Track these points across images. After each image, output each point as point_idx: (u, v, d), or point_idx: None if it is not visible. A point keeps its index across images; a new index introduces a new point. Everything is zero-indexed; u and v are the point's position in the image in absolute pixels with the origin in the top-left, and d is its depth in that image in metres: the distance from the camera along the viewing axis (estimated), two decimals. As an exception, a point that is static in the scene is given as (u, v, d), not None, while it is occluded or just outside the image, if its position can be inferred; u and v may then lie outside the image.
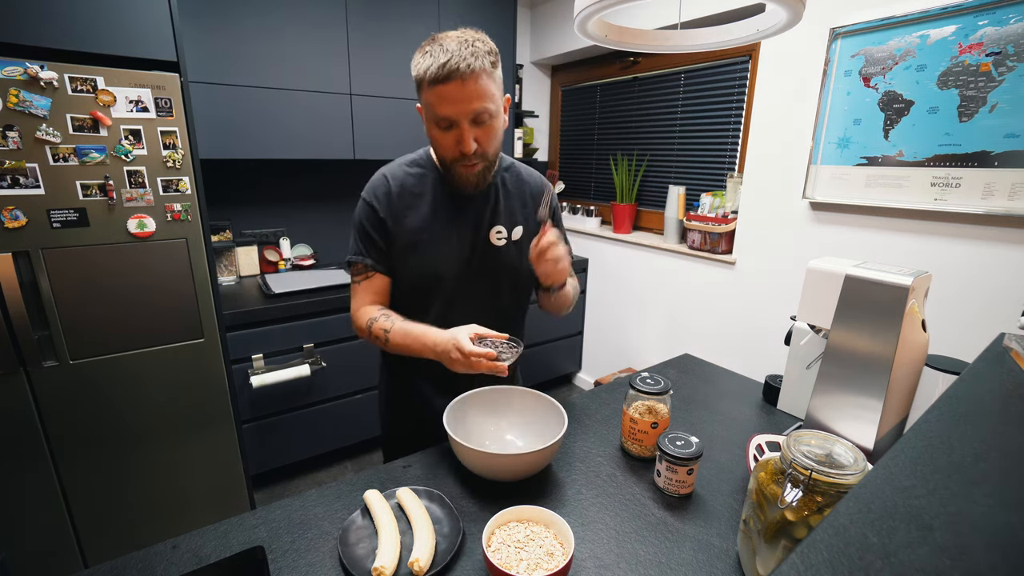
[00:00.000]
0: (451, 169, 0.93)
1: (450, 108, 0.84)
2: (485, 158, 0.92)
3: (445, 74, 0.81)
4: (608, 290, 2.82)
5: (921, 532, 0.33)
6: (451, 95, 0.83)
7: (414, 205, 0.98)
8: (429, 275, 0.99)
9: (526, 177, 1.09)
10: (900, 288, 0.83)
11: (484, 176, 0.95)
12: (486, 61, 0.84)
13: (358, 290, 1.02)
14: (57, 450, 1.46)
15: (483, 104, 0.86)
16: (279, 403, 2.05)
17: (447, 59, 0.81)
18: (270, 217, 2.43)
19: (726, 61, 2.18)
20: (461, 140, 0.87)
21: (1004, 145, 1.34)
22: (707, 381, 1.31)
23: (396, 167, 1.02)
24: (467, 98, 0.84)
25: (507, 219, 1.03)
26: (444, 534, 0.75)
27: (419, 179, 1.00)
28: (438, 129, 0.89)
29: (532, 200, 1.07)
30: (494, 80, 0.87)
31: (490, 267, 1.02)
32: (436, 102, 0.85)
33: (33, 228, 1.33)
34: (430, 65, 0.82)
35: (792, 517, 0.59)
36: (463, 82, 0.82)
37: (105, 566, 0.70)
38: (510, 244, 1.03)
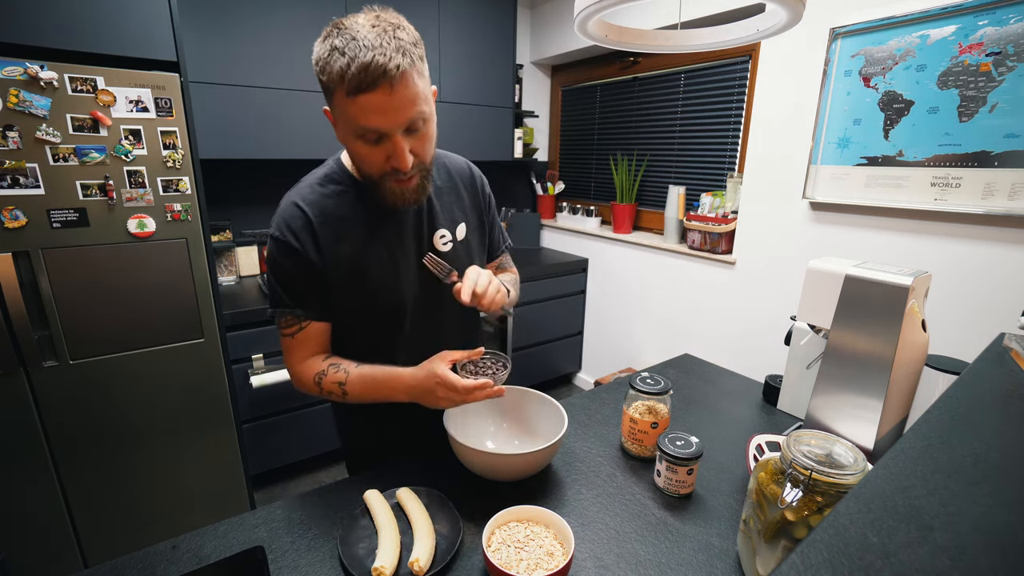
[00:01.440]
0: (380, 185, 0.78)
1: (379, 120, 0.69)
2: (423, 168, 0.79)
3: (370, 80, 0.65)
4: (608, 290, 2.82)
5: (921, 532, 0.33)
6: (380, 105, 0.67)
7: (342, 232, 0.83)
8: (384, 303, 0.88)
9: (452, 167, 0.97)
10: (900, 288, 0.83)
11: (423, 189, 0.81)
12: (414, 55, 0.69)
13: (292, 345, 0.86)
14: (57, 450, 1.46)
15: (417, 109, 0.71)
16: (279, 403, 2.05)
17: (370, 60, 0.64)
18: (270, 217, 2.42)
19: (726, 61, 2.18)
20: (394, 155, 0.73)
21: (1004, 145, 1.34)
22: (707, 381, 1.31)
23: (308, 190, 0.85)
24: (399, 106, 0.69)
25: (447, 220, 0.93)
26: (444, 534, 0.75)
27: (339, 199, 0.84)
28: (363, 143, 0.73)
29: (465, 190, 0.97)
30: (423, 76, 0.72)
31: None
32: (359, 113, 0.68)
33: (33, 228, 1.33)
34: (346, 67, 0.65)
35: (792, 517, 0.59)
36: (392, 88, 0.66)
37: (105, 566, 0.70)
38: (457, 245, 0.94)
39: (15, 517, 1.44)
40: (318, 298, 0.85)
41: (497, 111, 2.68)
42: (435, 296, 0.92)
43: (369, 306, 0.88)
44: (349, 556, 0.70)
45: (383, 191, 0.79)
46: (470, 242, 0.97)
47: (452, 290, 0.82)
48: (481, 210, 1.00)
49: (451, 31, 2.40)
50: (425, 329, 0.94)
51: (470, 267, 0.84)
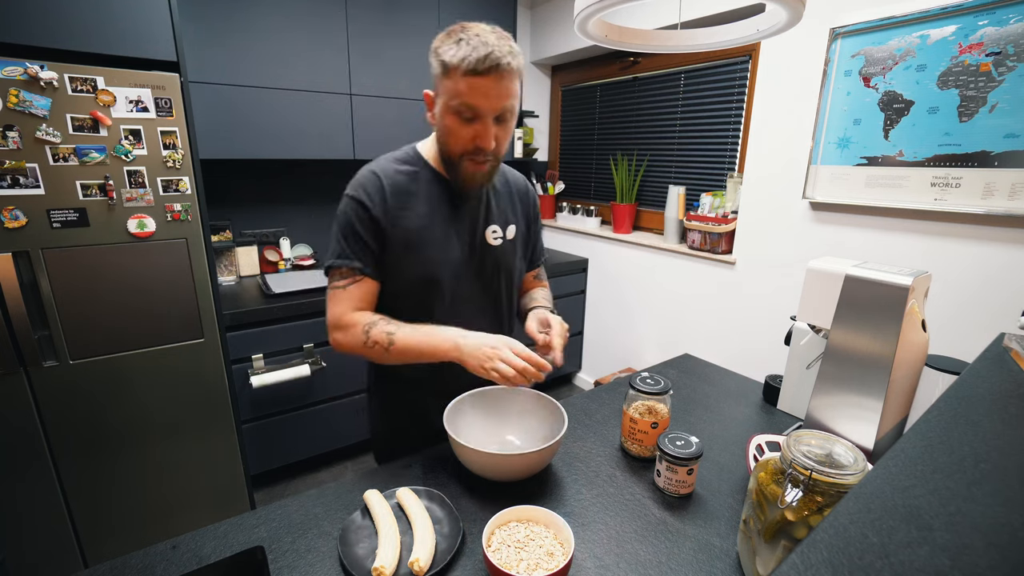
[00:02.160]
0: (457, 164, 0.90)
1: (482, 101, 0.82)
2: (496, 158, 0.90)
3: (486, 67, 0.79)
4: (608, 290, 2.82)
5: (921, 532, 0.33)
6: (486, 88, 0.81)
7: (409, 204, 0.93)
8: (429, 278, 0.94)
9: (510, 176, 1.09)
10: (900, 288, 0.83)
11: (490, 176, 0.92)
12: (520, 62, 0.84)
13: (340, 296, 0.92)
14: (57, 450, 1.46)
15: (511, 102, 0.85)
16: (279, 403, 2.05)
17: (488, 52, 0.79)
18: (270, 217, 2.43)
19: (726, 61, 2.18)
20: (481, 135, 0.85)
21: (1004, 145, 1.34)
22: (707, 381, 1.31)
23: (385, 164, 0.95)
24: (499, 94, 0.82)
25: (500, 219, 1.02)
26: (444, 534, 0.75)
27: (411, 178, 0.95)
28: (458, 119, 0.84)
29: (519, 198, 1.08)
30: (520, 81, 0.87)
31: (488, 267, 1.01)
32: (467, 92, 0.81)
33: (33, 228, 1.33)
34: (468, 55, 0.79)
35: (792, 517, 0.59)
36: (499, 77, 0.81)
37: (105, 566, 0.70)
38: (506, 243, 1.02)
39: (15, 517, 1.44)
40: (375, 257, 0.93)
41: (497, 111, 2.68)
42: (473, 288, 1.01)
43: (416, 281, 0.95)
44: (349, 556, 0.70)
45: (458, 169, 0.90)
46: (516, 244, 1.05)
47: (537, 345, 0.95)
48: (529, 220, 1.11)
49: (451, 31, 2.40)
50: (459, 315, 0.98)
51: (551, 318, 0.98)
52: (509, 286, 1.07)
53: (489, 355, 0.82)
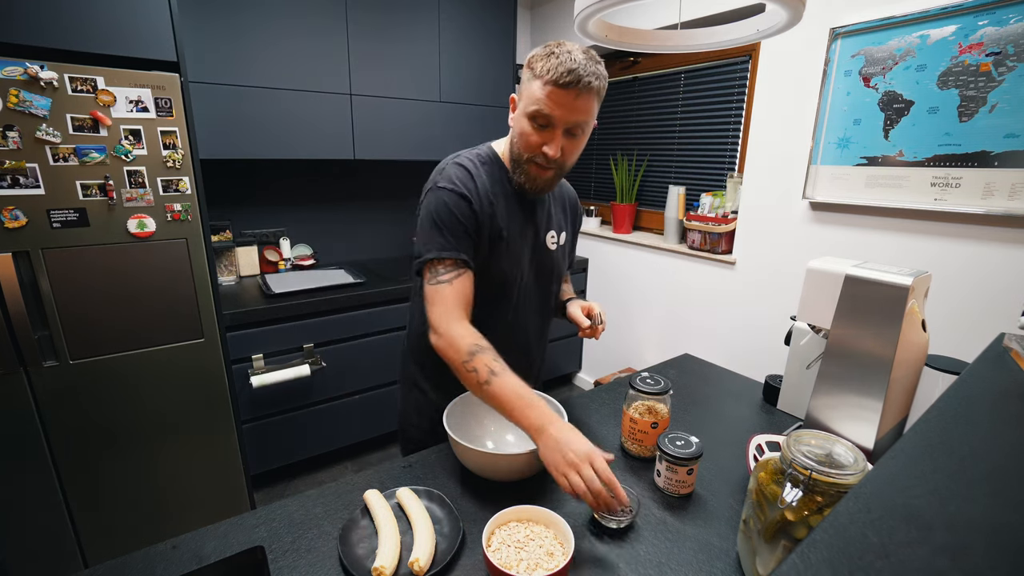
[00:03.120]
0: (521, 165, 0.93)
1: (557, 111, 0.85)
2: (562, 168, 0.93)
3: (568, 80, 0.82)
4: (608, 290, 2.82)
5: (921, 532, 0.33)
6: (563, 100, 0.84)
7: (495, 201, 0.95)
8: (507, 275, 0.98)
9: (565, 187, 1.15)
10: (900, 288, 0.83)
11: (551, 183, 0.96)
12: (602, 84, 0.87)
13: (446, 293, 0.87)
14: (57, 450, 1.46)
15: (584, 120, 0.88)
16: (279, 403, 2.05)
17: (575, 67, 0.82)
18: (270, 217, 2.43)
19: (726, 61, 2.17)
20: (550, 143, 0.88)
21: (1004, 145, 1.34)
22: (707, 381, 1.31)
23: (470, 160, 0.96)
24: (575, 109, 0.85)
25: (557, 225, 1.08)
26: (444, 534, 0.75)
27: (493, 177, 0.97)
28: (532, 124, 0.88)
29: (570, 210, 1.14)
30: (598, 104, 0.90)
31: (546, 269, 1.07)
32: (546, 100, 0.84)
33: (33, 228, 1.33)
34: (556, 66, 0.83)
35: (792, 517, 0.59)
36: (579, 93, 0.84)
37: (105, 566, 0.70)
38: (559, 248, 1.08)
39: (15, 517, 1.44)
40: (473, 252, 0.93)
41: (497, 111, 2.68)
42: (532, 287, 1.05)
43: (495, 277, 0.97)
44: (349, 556, 0.70)
45: (523, 170, 0.93)
46: (564, 249, 1.12)
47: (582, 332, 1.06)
48: (574, 230, 1.16)
49: (451, 31, 2.40)
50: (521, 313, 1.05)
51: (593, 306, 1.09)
52: (558, 289, 1.15)
53: (571, 462, 0.71)
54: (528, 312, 1.07)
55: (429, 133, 2.44)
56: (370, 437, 2.36)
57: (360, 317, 2.15)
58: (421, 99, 2.38)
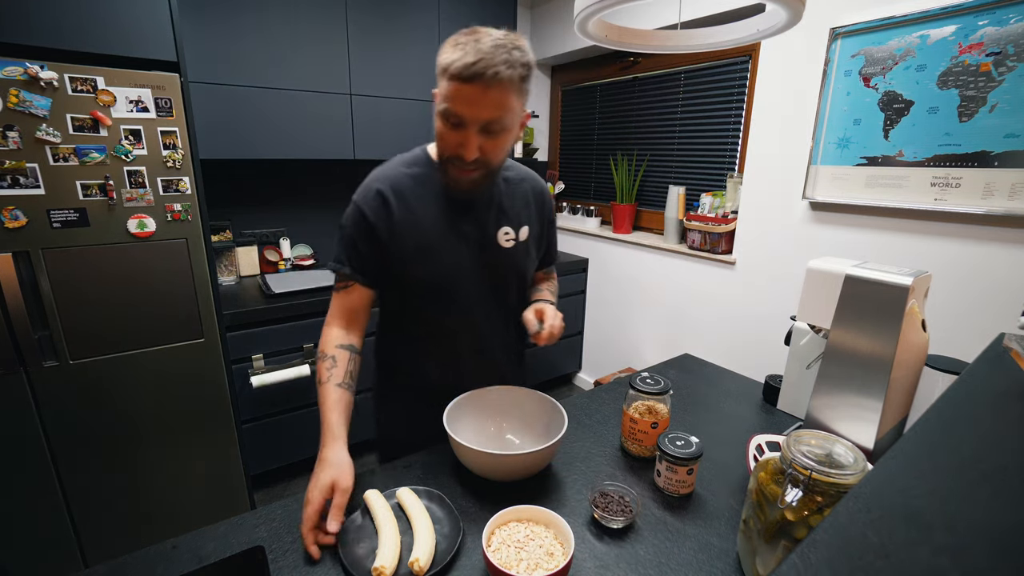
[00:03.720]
0: (445, 166, 0.89)
1: (464, 109, 0.79)
2: (486, 167, 0.87)
3: (469, 74, 0.76)
4: (608, 290, 2.82)
5: (921, 532, 0.33)
6: (469, 96, 0.78)
7: (417, 208, 0.92)
8: (441, 281, 0.95)
9: (526, 175, 1.08)
10: (900, 288, 0.83)
11: (479, 184, 0.90)
12: (516, 73, 0.79)
13: (334, 300, 0.97)
14: (57, 450, 1.46)
15: (498, 115, 0.80)
16: (279, 403, 2.05)
17: (476, 60, 0.75)
18: (270, 217, 2.43)
19: (726, 61, 2.18)
20: (464, 144, 0.82)
21: (1004, 145, 1.34)
22: (707, 381, 1.31)
23: (393, 168, 0.96)
24: (484, 105, 0.79)
25: (514, 220, 1.01)
26: (444, 534, 0.75)
27: (420, 181, 0.94)
28: (445, 123, 0.83)
29: (534, 200, 1.05)
30: (519, 93, 0.82)
31: (500, 269, 1.00)
32: (451, 97, 0.79)
33: (33, 228, 1.33)
34: (457, 59, 0.77)
35: (792, 517, 0.59)
36: (485, 88, 0.77)
37: (105, 566, 0.70)
38: (519, 245, 1.01)
39: (15, 517, 1.44)
40: (371, 265, 0.94)
41: (497, 111, 2.68)
42: (485, 289, 1.00)
43: (427, 281, 0.95)
44: (349, 556, 0.70)
45: (446, 173, 0.90)
46: (529, 245, 1.04)
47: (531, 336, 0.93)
48: (543, 221, 1.08)
49: (451, 31, 2.38)
50: (472, 316, 1.00)
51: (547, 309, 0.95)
52: (521, 288, 1.06)
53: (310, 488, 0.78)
54: (479, 313, 1.00)
55: (429, 133, 2.43)
56: (370, 437, 2.36)
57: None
58: (421, 99, 2.38)
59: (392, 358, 1.07)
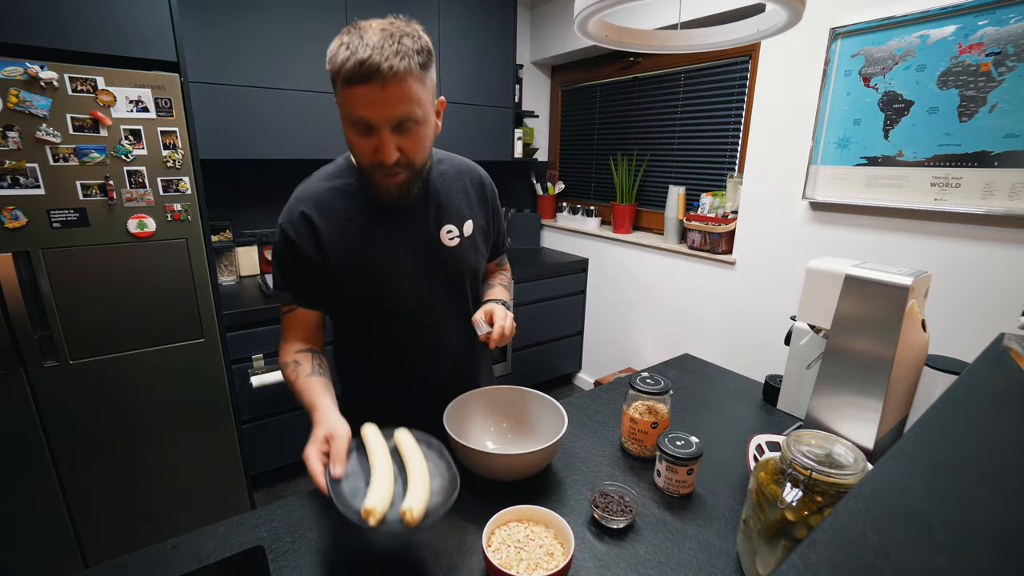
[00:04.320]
0: (370, 176, 0.83)
1: (368, 112, 0.73)
2: (411, 167, 0.81)
3: (363, 74, 0.69)
4: (608, 290, 2.82)
5: (921, 532, 0.33)
6: (369, 98, 0.72)
7: (345, 223, 0.87)
8: (386, 296, 0.91)
9: (463, 168, 1.01)
10: (900, 288, 0.83)
11: (409, 186, 0.85)
12: (413, 62, 0.72)
13: (284, 324, 0.93)
14: (57, 450, 1.46)
15: (407, 109, 0.74)
16: (279, 403, 2.05)
17: (366, 56, 0.69)
18: (270, 217, 2.43)
19: (726, 61, 2.18)
20: (380, 148, 0.76)
21: (1004, 145, 1.34)
22: (707, 381, 1.31)
23: (315, 184, 0.90)
24: (388, 103, 0.72)
25: (455, 216, 0.95)
26: (441, 486, 0.70)
27: (344, 193, 0.88)
28: (354, 131, 0.77)
29: (474, 190, 1.00)
30: (424, 83, 0.76)
31: (449, 269, 0.95)
32: (351, 103, 0.73)
33: (33, 228, 1.33)
34: (346, 60, 0.70)
35: (792, 517, 0.59)
36: (383, 85, 0.70)
37: (105, 566, 0.70)
38: (464, 241, 0.96)
39: (15, 517, 1.44)
40: (310, 287, 0.90)
41: (497, 111, 2.68)
42: (438, 293, 0.96)
43: (372, 296, 0.91)
44: (336, 491, 0.65)
45: (372, 182, 0.84)
46: (476, 239, 0.99)
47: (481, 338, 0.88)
48: (488, 211, 1.03)
49: (451, 31, 2.40)
50: (428, 322, 0.96)
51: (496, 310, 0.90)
52: (475, 284, 1.02)
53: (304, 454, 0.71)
54: (439, 317, 0.97)
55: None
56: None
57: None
58: (421, 99, 2.38)
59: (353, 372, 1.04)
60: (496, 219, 1.06)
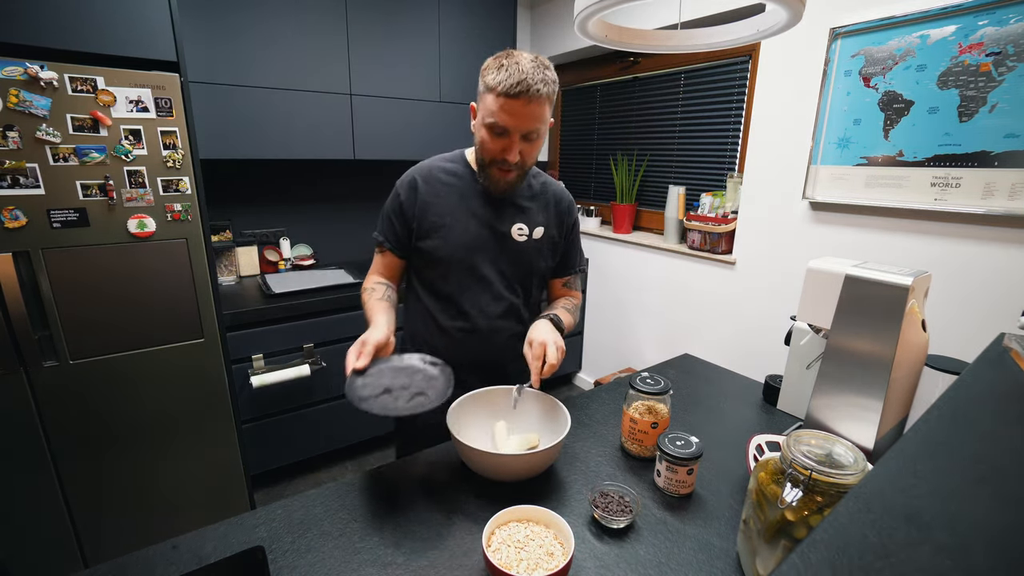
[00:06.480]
0: (486, 169, 1.01)
1: (510, 120, 0.92)
2: (521, 169, 1.01)
3: (517, 91, 0.89)
4: (608, 290, 2.82)
5: (921, 532, 0.33)
6: (515, 110, 0.91)
7: (442, 194, 1.07)
8: (448, 256, 1.06)
9: (555, 190, 1.18)
10: (900, 288, 0.83)
11: (515, 183, 1.03)
12: (551, 88, 0.93)
13: (375, 258, 1.16)
14: (57, 450, 1.46)
15: (538, 125, 0.95)
16: (279, 403, 2.05)
17: (522, 78, 0.89)
18: (270, 217, 2.43)
19: (726, 61, 2.17)
20: (508, 149, 0.96)
21: (1004, 145, 1.34)
22: (707, 381, 1.31)
23: (432, 161, 1.11)
24: (527, 117, 0.92)
25: (530, 219, 1.11)
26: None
27: (451, 174, 1.09)
28: (490, 133, 0.96)
29: (555, 206, 1.15)
30: (551, 105, 0.97)
31: (508, 257, 1.09)
32: (499, 111, 0.92)
33: (33, 228, 1.33)
34: (505, 79, 0.90)
35: (792, 517, 0.59)
36: (528, 102, 0.91)
37: (105, 566, 0.70)
38: (530, 241, 1.10)
39: (15, 517, 1.44)
40: (401, 237, 1.10)
41: (497, 111, 2.68)
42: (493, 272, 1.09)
43: (440, 257, 1.07)
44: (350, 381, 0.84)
45: (487, 175, 1.02)
46: (542, 244, 1.13)
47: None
48: (562, 228, 1.17)
49: (451, 31, 2.40)
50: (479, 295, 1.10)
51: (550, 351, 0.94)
52: (529, 281, 1.15)
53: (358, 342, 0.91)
54: (487, 297, 1.10)
55: (429, 133, 2.44)
56: (370, 437, 2.36)
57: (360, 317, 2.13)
58: (421, 99, 2.38)
59: (412, 328, 1.18)
60: (571, 238, 1.20)
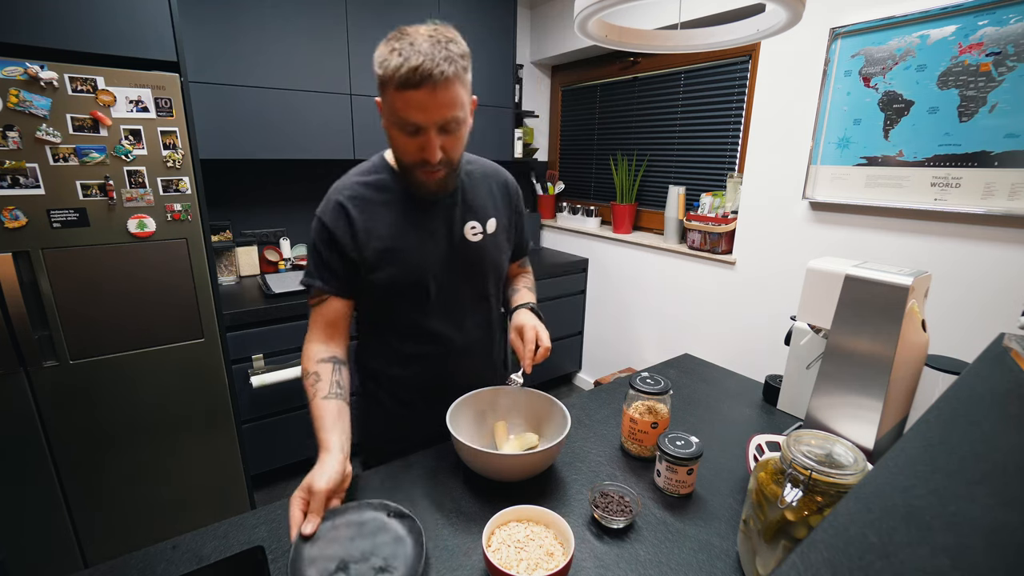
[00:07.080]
0: (410, 173, 0.88)
1: (419, 115, 0.78)
2: (450, 165, 0.87)
3: (417, 80, 0.74)
4: (608, 290, 2.82)
5: (921, 532, 0.33)
6: (421, 102, 0.77)
7: (377, 216, 0.92)
8: (412, 282, 0.94)
9: (489, 170, 1.06)
10: (900, 288, 0.83)
11: (446, 183, 0.90)
12: (459, 66, 0.78)
13: (312, 315, 0.95)
14: (57, 450, 1.46)
15: (453, 112, 0.80)
16: (279, 403, 2.05)
17: (419, 63, 0.74)
18: (270, 217, 2.43)
19: (726, 61, 2.17)
20: (426, 147, 0.82)
21: (1004, 145, 1.34)
22: (707, 381, 1.31)
23: (350, 179, 0.96)
24: (437, 106, 0.78)
25: (479, 213, 1.00)
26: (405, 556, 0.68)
27: (377, 188, 0.94)
28: (401, 133, 0.82)
29: (498, 190, 1.05)
30: (465, 85, 0.82)
31: (472, 263, 0.99)
32: (402, 107, 0.78)
33: (33, 228, 1.33)
34: (399, 66, 0.74)
35: (792, 517, 0.59)
36: (434, 89, 0.76)
37: (105, 566, 0.70)
38: (487, 238, 1.00)
39: (15, 517, 1.44)
40: (342, 275, 0.93)
41: (497, 111, 2.68)
42: (460, 284, 1.00)
43: (400, 287, 0.94)
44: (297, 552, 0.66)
45: (412, 179, 0.89)
46: (498, 237, 1.03)
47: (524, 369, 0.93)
48: (511, 212, 1.07)
49: (451, 31, 2.39)
50: (452, 312, 1.01)
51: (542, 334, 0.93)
52: (497, 280, 1.06)
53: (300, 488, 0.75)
54: (460, 310, 1.01)
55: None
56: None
57: (360, 317, 2.15)
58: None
59: (373, 363, 1.06)
60: (519, 221, 1.11)
